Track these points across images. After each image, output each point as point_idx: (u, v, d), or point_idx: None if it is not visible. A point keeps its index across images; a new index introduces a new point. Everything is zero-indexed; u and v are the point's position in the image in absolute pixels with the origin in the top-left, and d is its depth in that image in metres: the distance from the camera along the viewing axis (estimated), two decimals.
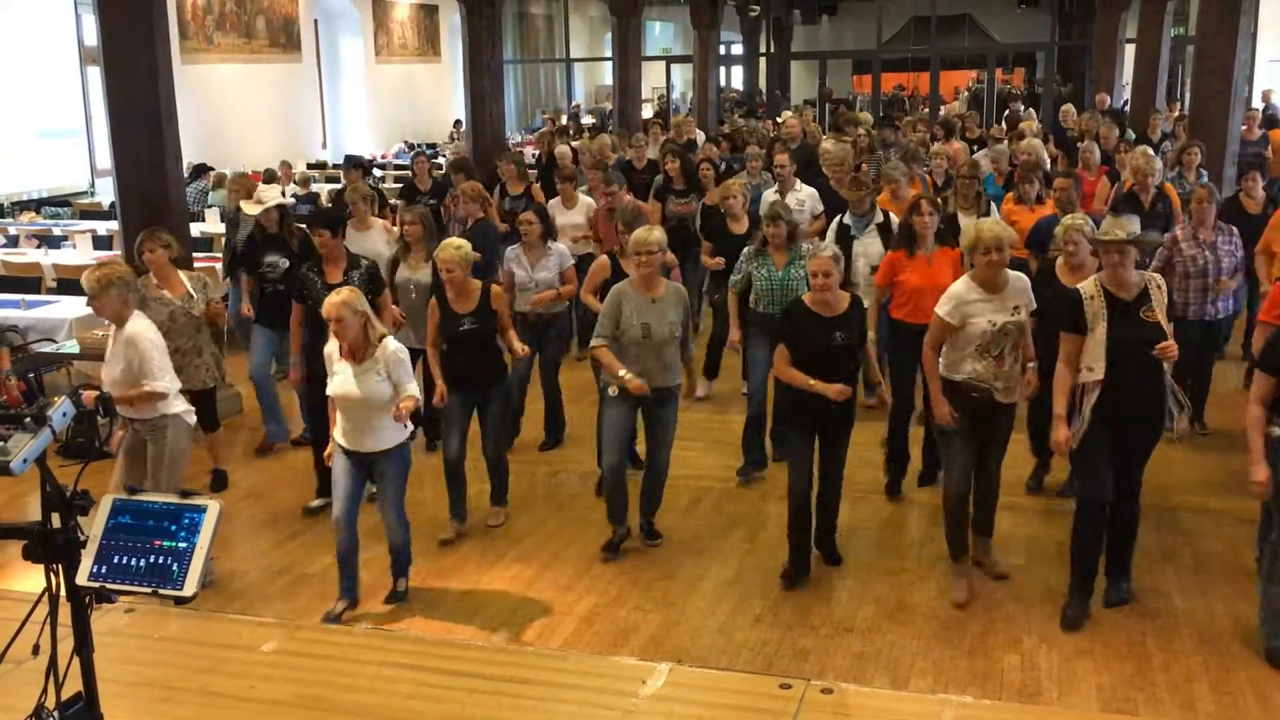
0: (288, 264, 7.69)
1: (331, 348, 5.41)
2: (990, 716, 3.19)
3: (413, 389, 5.33)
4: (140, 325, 5.63)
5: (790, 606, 5.43)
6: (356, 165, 11.71)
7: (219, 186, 14.36)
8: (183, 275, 6.86)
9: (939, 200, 7.21)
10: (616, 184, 9.18)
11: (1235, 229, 7.39)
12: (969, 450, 5.49)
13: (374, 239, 8.33)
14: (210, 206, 13.26)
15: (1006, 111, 19.57)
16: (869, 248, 7.52)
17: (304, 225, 7.79)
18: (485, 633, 5.28)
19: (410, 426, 5.45)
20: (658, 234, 5.98)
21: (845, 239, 7.57)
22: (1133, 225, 5.08)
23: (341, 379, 5.32)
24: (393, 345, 5.34)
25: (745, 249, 7.09)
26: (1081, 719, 4.13)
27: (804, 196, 9.05)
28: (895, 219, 7.51)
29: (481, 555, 6.16)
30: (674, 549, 6.15)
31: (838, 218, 7.91)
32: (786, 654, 5.02)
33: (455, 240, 6.32)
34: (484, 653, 3.48)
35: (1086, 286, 5.10)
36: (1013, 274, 5.42)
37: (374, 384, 5.25)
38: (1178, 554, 5.86)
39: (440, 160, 16.76)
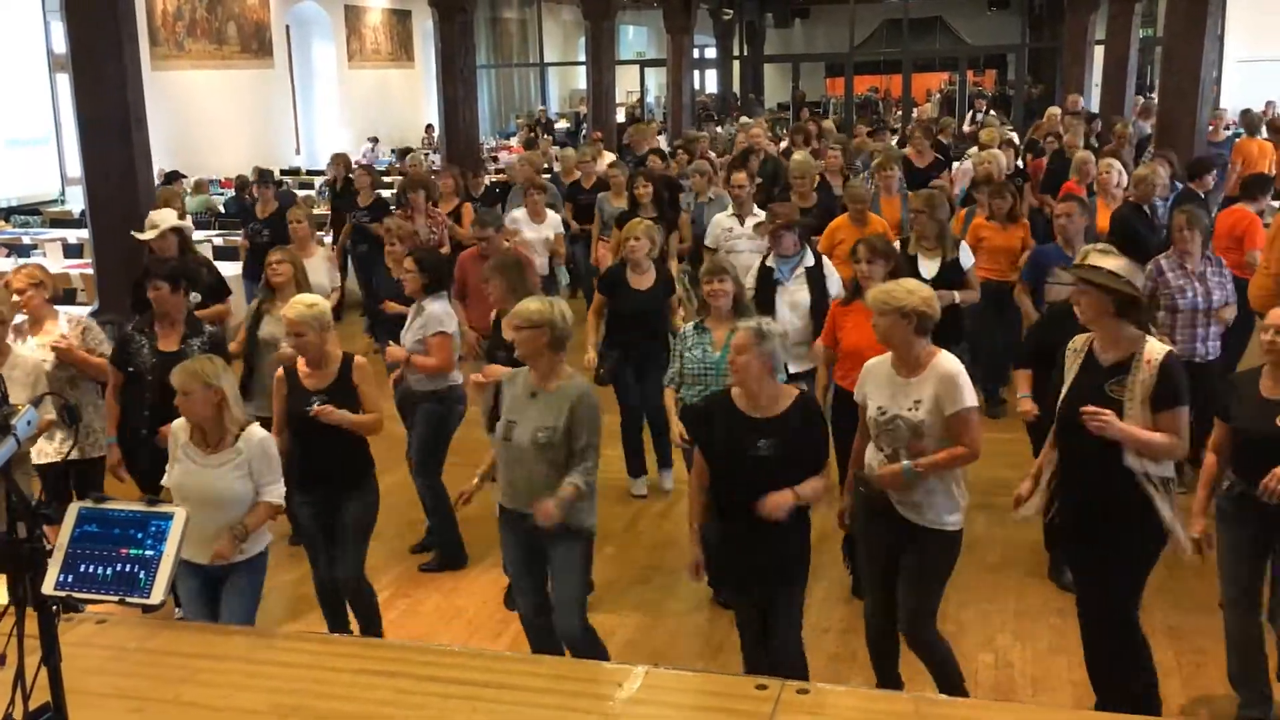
0: (199, 298, 6.29)
1: (179, 427, 4.30)
2: (964, 714, 3.20)
3: (278, 492, 4.30)
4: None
5: None
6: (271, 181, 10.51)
7: (199, 191, 14.31)
8: (62, 316, 5.52)
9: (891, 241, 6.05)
10: (493, 226, 7.02)
11: (1223, 260, 6.43)
12: (876, 570, 4.38)
13: (315, 268, 6.91)
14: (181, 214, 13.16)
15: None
16: (796, 297, 6.04)
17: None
18: (461, 639, 5.29)
19: (266, 539, 4.41)
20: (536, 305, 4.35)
21: (768, 286, 6.07)
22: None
23: (185, 470, 4.24)
24: (259, 434, 4.30)
25: (686, 327, 5.53)
26: (1055, 716, 4.16)
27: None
28: (828, 263, 6.33)
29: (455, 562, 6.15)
30: (650, 552, 6.16)
31: (760, 259, 6.30)
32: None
33: (307, 296, 4.97)
34: (460, 658, 3.47)
35: (1078, 341, 4.22)
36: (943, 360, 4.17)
37: (232, 481, 4.19)
38: None
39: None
